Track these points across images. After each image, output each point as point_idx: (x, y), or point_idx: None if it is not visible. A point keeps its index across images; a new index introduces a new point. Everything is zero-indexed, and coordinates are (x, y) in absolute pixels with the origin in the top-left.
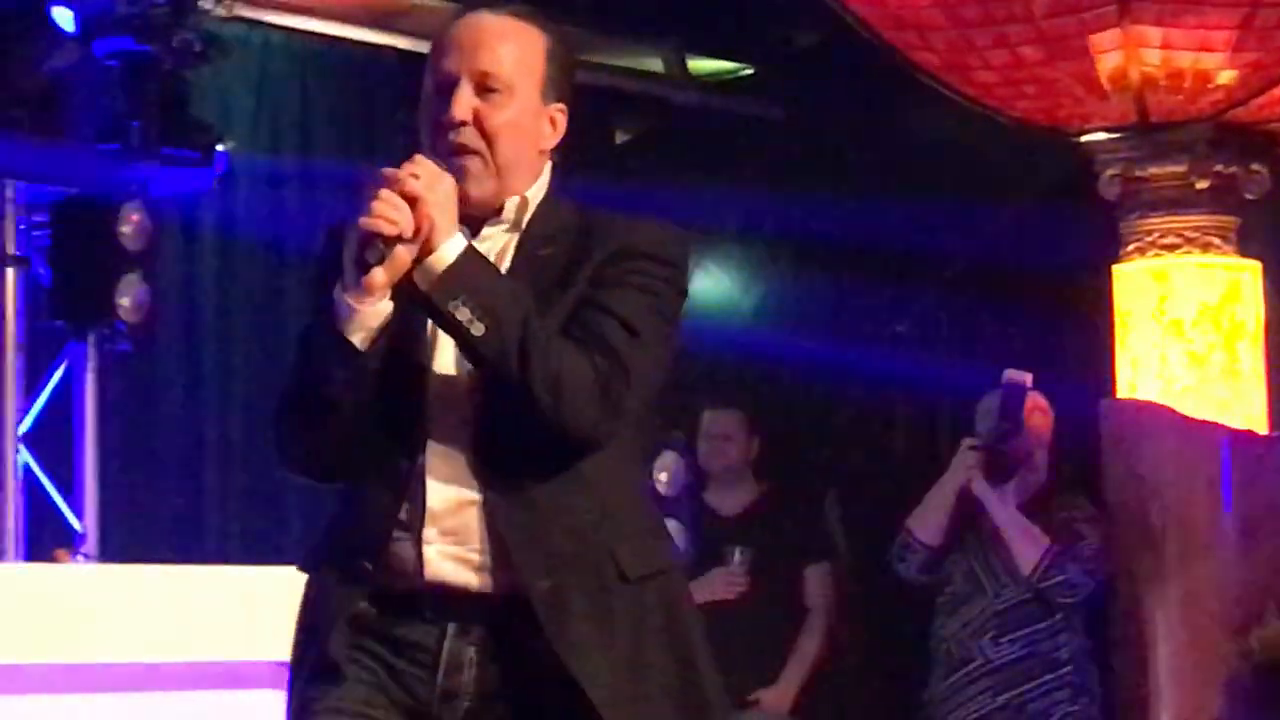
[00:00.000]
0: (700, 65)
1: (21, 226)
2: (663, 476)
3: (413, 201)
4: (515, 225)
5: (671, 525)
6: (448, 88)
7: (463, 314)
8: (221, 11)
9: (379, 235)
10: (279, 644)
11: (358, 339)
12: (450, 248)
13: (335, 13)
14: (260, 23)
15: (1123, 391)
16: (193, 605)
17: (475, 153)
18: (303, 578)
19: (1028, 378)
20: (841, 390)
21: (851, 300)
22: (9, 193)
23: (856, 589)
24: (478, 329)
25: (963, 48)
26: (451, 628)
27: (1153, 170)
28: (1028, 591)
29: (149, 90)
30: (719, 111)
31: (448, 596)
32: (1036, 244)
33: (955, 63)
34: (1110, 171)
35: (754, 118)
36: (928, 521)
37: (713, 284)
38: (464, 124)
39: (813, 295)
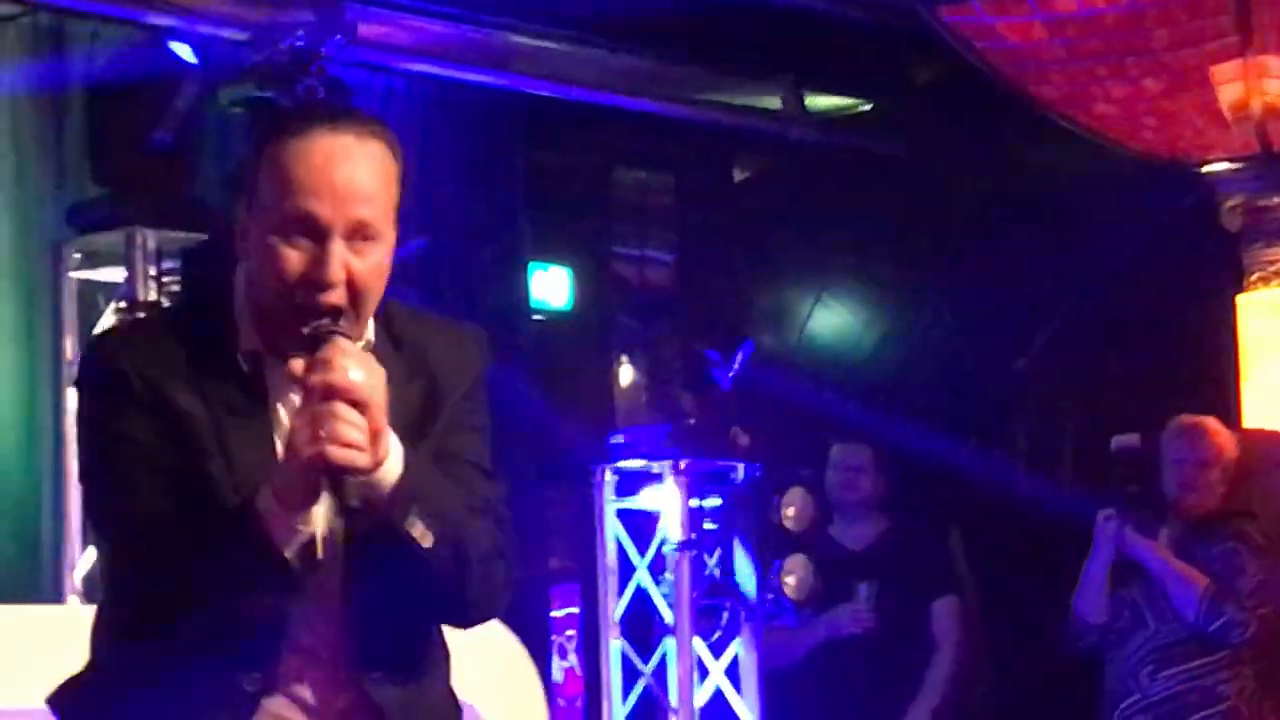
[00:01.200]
0: (818, 101)
1: (152, 273)
2: (790, 512)
3: (361, 408)
4: None
5: (798, 561)
6: (315, 236)
7: (416, 528)
8: (343, 58)
9: (349, 468)
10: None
11: (291, 554)
12: (395, 455)
13: (454, 56)
14: (381, 68)
15: (1251, 421)
16: None
17: (343, 312)
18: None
19: (1134, 439)
20: (963, 425)
21: (972, 335)
22: (139, 239)
23: (983, 624)
24: (428, 540)
25: (1083, 80)
26: None
27: (1276, 199)
28: (1191, 631)
29: None
30: (837, 148)
31: None
32: (1159, 276)
33: (1075, 96)
34: (1232, 202)
35: (872, 153)
36: (1091, 602)
37: (834, 320)
38: (337, 285)
39: (934, 330)
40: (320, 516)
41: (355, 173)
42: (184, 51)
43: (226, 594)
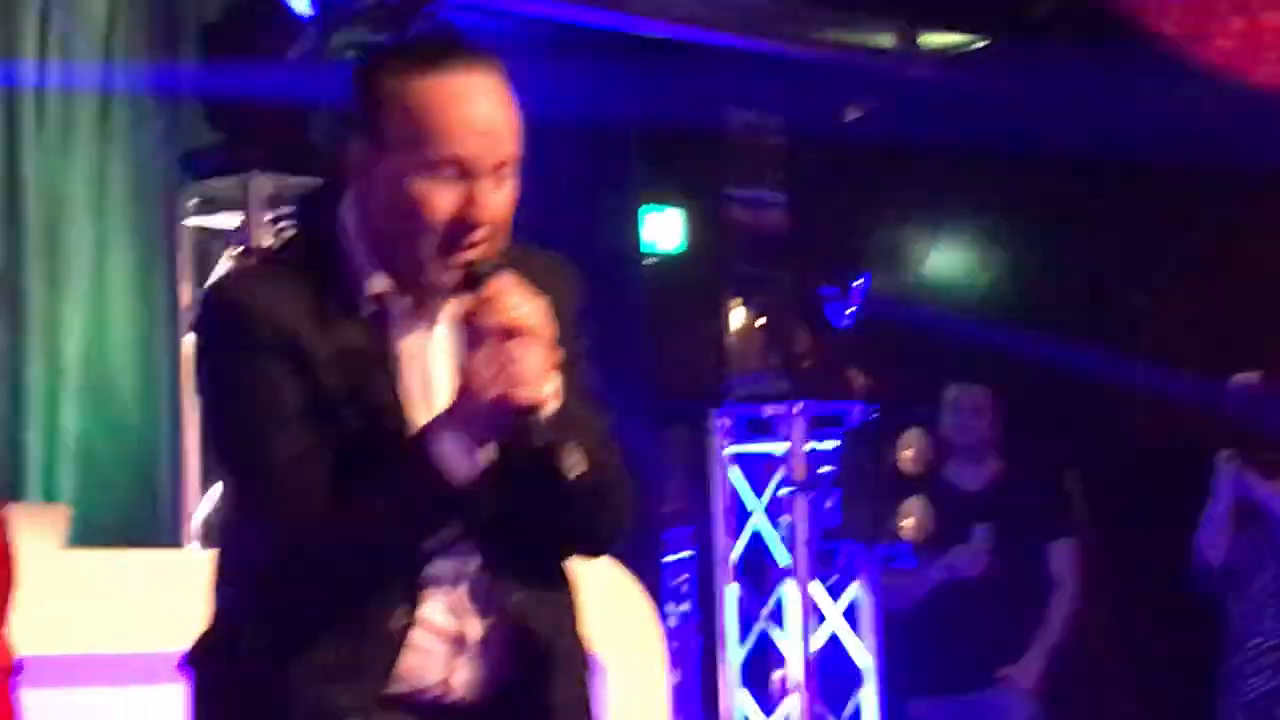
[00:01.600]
0: (931, 39)
1: (268, 219)
2: (907, 453)
3: (537, 344)
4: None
5: (916, 502)
6: (464, 175)
7: (572, 457)
8: (455, 1)
9: (535, 406)
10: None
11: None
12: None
13: None
14: (493, 11)
15: None
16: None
17: (487, 246)
18: None
19: (1254, 377)
20: (1081, 367)
21: (1089, 274)
22: (254, 185)
23: (1102, 566)
24: (579, 469)
25: (1201, 14)
26: None
27: None
28: None
29: None
30: (951, 86)
31: (461, 713)
32: (1276, 214)
33: (1194, 30)
34: None
35: (987, 91)
36: (1213, 543)
37: (949, 261)
38: (488, 223)
39: (1050, 271)
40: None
41: (496, 112)
42: (300, 3)
43: (388, 531)
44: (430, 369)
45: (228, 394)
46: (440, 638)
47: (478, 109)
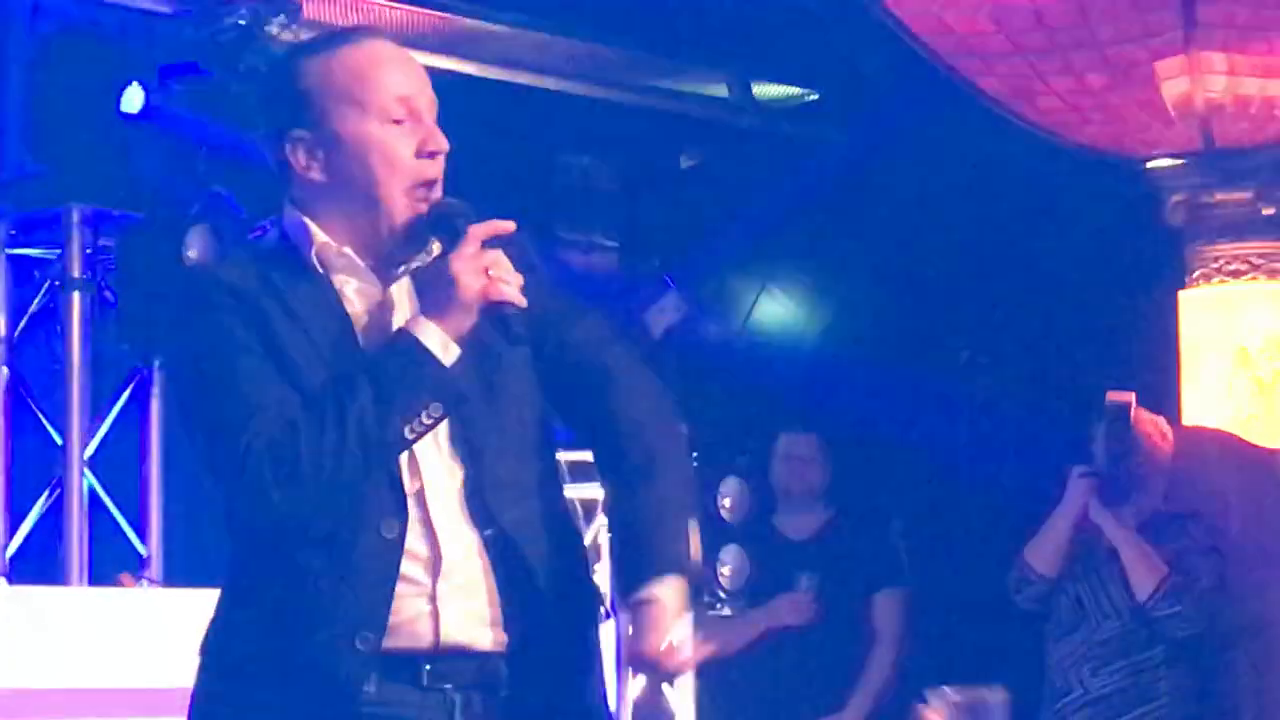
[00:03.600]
0: (765, 90)
1: (88, 250)
2: (726, 502)
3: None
4: None
5: (733, 551)
6: (414, 116)
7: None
8: (288, 36)
9: (513, 302)
10: None
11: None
12: None
13: (401, 38)
14: None
15: (1190, 420)
16: None
17: (439, 184)
18: None
19: (1130, 397)
20: (906, 415)
21: (916, 325)
22: (75, 216)
23: (923, 616)
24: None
25: (1027, 74)
26: (458, 698)
27: (1219, 196)
28: (1132, 621)
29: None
30: (784, 136)
31: (458, 659)
32: (1102, 271)
33: (1019, 88)
34: (1176, 197)
35: (819, 142)
36: (1045, 552)
37: (779, 308)
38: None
39: (878, 320)
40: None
41: (412, 60)
42: (132, 102)
43: (384, 427)
44: (391, 327)
45: (203, 354)
46: (422, 564)
47: (405, 61)
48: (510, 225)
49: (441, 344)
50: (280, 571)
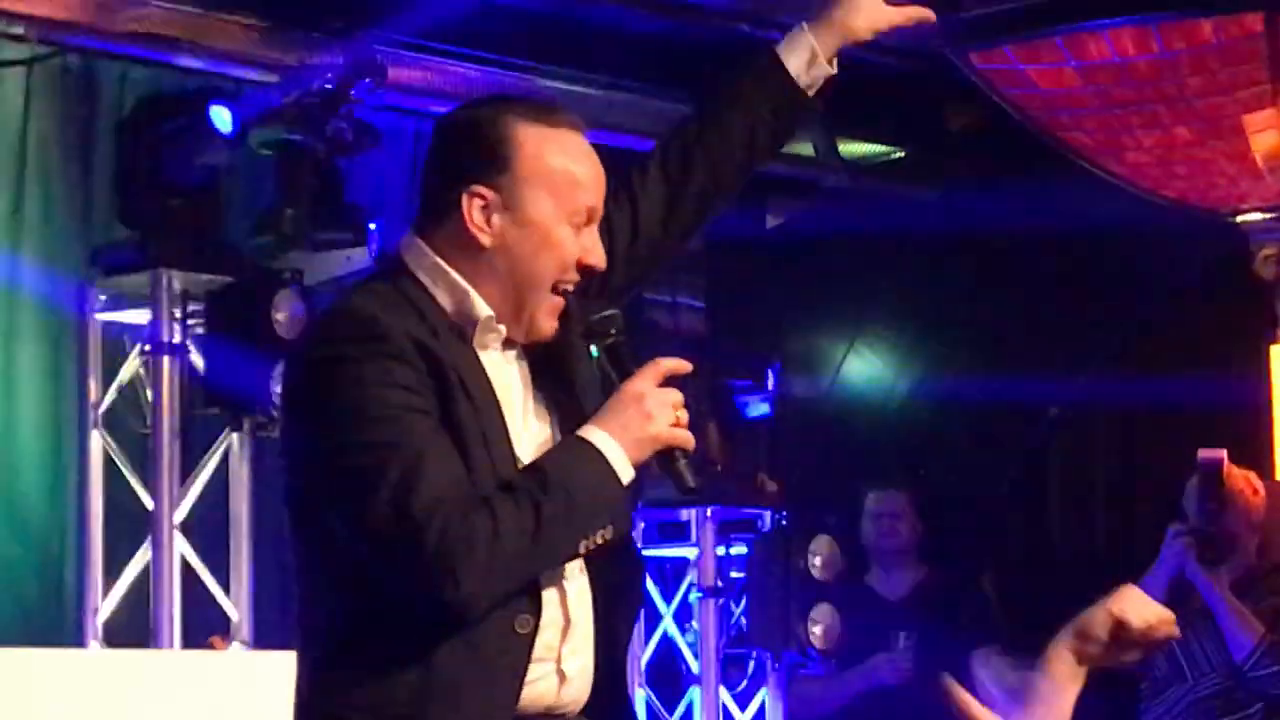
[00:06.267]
0: (852, 148)
1: (178, 315)
2: (817, 561)
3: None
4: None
5: (825, 610)
6: (587, 224)
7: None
8: (373, 101)
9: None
10: None
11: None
12: None
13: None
14: (412, 111)
15: None
16: None
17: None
18: None
19: (1222, 454)
20: (998, 472)
21: (1007, 384)
22: (165, 281)
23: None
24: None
25: (1115, 129)
26: None
27: None
28: (1230, 680)
29: (302, 178)
30: (870, 194)
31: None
32: (1193, 325)
33: (1107, 144)
34: (1266, 251)
35: (907, 200)
36: None
37: (867, 367)
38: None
39: (968, 378)
40: None
41: (600, 166)
42: (222, 120)
43: (569, 537)
44: (512, 400)
45: (368, 401)
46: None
47: (597, 165)
48: (689, 367)
49: (624, 466)
50: (408, 646)
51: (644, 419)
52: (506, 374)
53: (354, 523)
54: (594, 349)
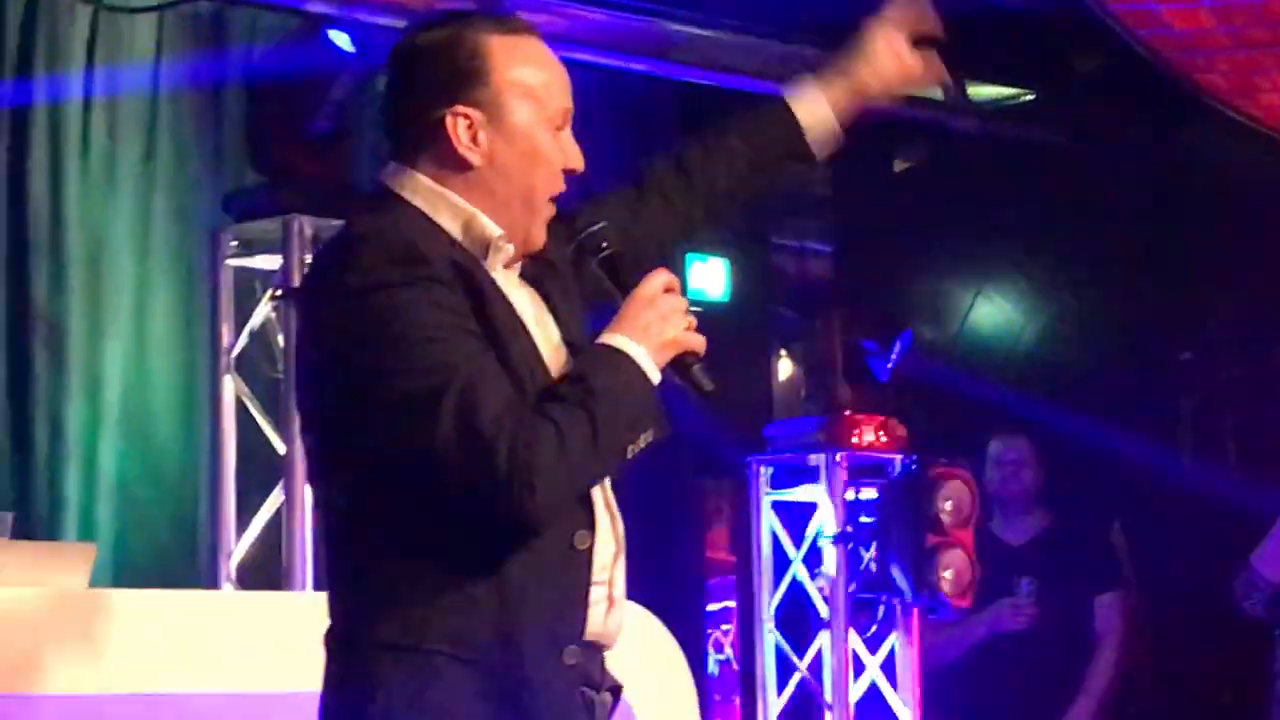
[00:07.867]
0: (979, 91)
1: (309, 260)
2: (948, 505)
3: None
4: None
5: (956, 555)
6: (562, 127)
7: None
8: None
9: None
10: None
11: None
12: None
13: (611, 43)
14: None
15: None
16: None
17: None
18: None
19: None
20: (1126, 418)
21: (1136, 328)
22: (296, 227)
23: (1146, 619)
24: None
25: (1249, 70)
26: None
27: None
28: None
29: None
30: (998, 138)
31: (599, 650)
32: None
33: (1241, 85)
34: None
35: (1035, 144)
36: (1274, 559)
37: (995, 312)
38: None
39: (1096, 323)
40: None
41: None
42: (342, 41)
43: (620, 441)
44: (528, 318)
45: (415, 325)
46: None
47: (560, 64)
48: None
49: (651, 369)
50: (478, 572)
51: (661, 321)
52: (520, 294)
53: (417, 450)
54: (593, 264)
